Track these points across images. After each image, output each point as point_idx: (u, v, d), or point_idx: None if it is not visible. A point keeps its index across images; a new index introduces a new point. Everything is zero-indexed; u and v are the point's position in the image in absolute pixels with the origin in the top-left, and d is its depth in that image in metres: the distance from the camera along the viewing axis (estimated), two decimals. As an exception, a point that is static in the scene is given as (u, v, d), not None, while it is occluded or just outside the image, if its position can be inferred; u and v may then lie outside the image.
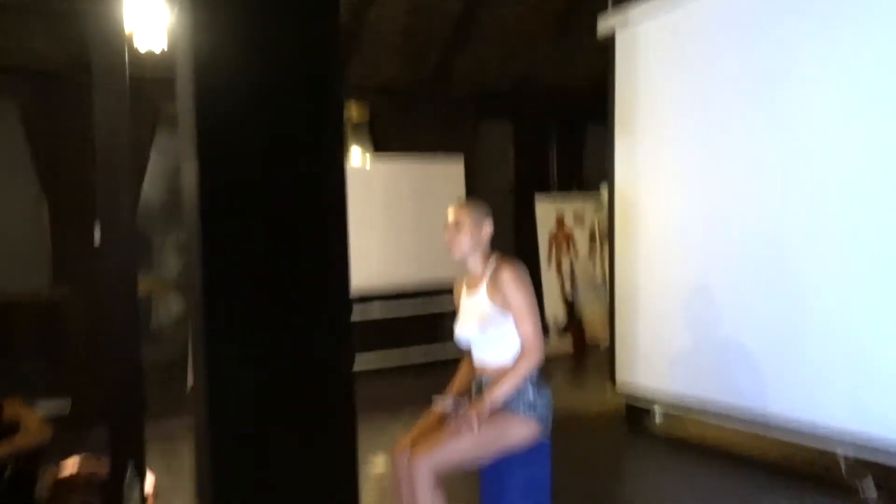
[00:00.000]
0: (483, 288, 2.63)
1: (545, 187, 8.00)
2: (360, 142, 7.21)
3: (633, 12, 4.47)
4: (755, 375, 3.75)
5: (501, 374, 2.56)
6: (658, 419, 4.63)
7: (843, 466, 3.44)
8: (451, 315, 2.86)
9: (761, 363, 3.72)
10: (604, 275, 7.62)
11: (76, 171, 5.91)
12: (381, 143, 7.16)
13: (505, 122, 7.88)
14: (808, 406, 3.48)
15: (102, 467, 3.60)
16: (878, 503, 3.29)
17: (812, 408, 3.46)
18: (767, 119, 3.71)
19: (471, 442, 2.45)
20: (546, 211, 7.80)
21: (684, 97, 4.19)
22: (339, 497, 1.33)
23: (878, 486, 3.33)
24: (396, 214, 6.86)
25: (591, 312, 7.81)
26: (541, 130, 8.09)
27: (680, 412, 4.36)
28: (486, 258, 2.69)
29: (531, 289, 2.58)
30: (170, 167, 7.18)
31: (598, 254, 7.85)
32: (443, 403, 2.62)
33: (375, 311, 6.79)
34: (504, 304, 2.56)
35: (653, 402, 4.48)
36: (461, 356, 2.83)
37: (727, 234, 3.93)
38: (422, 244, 6.89)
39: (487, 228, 2.71)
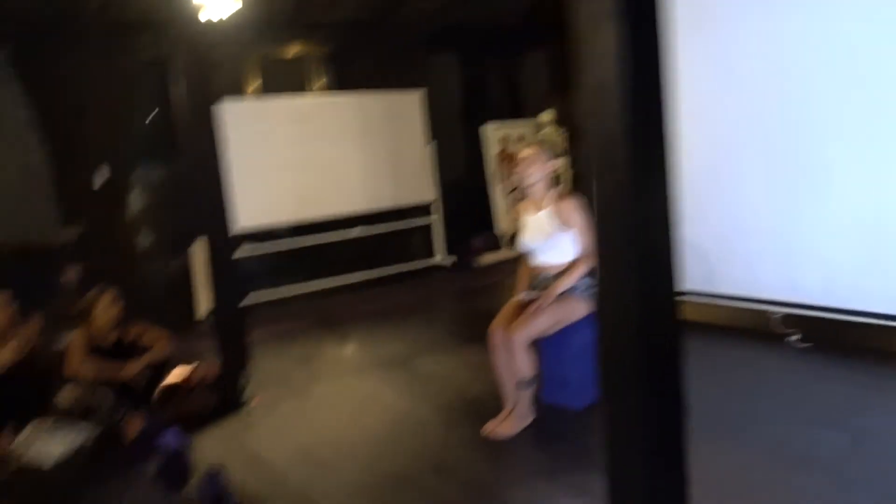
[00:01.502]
0: (547, 211, 3.58)
1: (490, 115, 8.91)
2: (324, 76, 7.81)
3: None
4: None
5: (559, 271, 3.56)
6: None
7: (773, 321, 4.61)
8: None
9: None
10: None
11: (72, 120, 6.28)
12: (344, 77, 7.80)
13: (452, 56, 8.65)
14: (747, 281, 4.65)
15: (211, 371, 4.39)
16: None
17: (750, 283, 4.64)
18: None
19: (549, 317, 3.46)
20: (493, 134, 8.76)
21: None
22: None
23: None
24: (368, 145, 7.61)
25: (535, 222, 8.95)
26: (483, 62, 8.92)
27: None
28: (549, 188, 3.62)
29: (586, 214, 3.54)
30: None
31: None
32: (524, 294, 3.60)
33: (355, 232, 7.64)
34: (564, 223, 3.52)
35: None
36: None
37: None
38: (394, 170, 7.75)
39: (550, 165, 3.62)
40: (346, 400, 4.21)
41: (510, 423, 3.49)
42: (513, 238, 3.66)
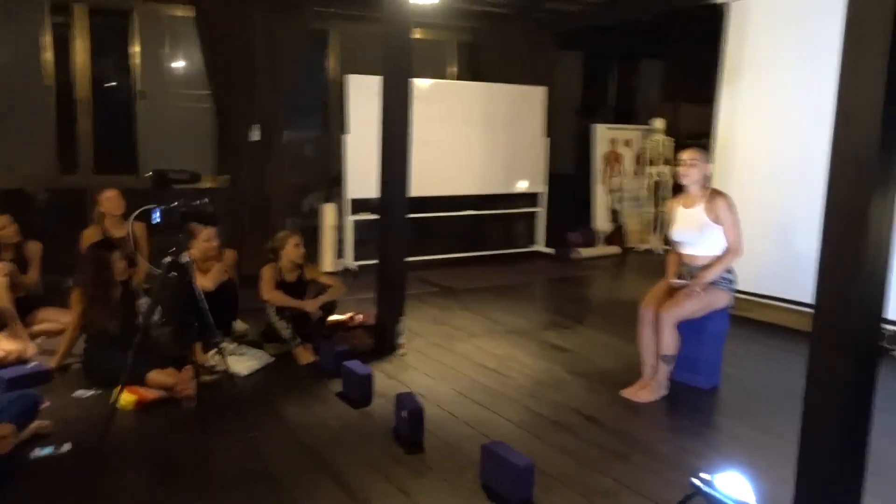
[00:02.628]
0: (701, 206, 4.01)
1: (603, 116, 9.32)
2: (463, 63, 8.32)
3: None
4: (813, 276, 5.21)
5: (708, 263, 3.99)
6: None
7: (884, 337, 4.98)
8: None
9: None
10: (648, 190, 9.11)
11: (238, 79, 6.91)
12: (475, 66, 8.31)
13: (577, 55, 9.08)
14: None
15: (369, 317, 4.94)
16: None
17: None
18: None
19: (696, 302, 3.90)
20: (603, 135, 9.17)
21: (787, 63, 5.45)
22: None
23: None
24: (491, 132, 8.11)
25: (633, 221, 9.34)
26: (603, 65, 9.33)
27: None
28: (703, 186, 4.05)
29: (738, 211, 3.96)
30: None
31: (643, 174, 9.27)
32: (675, 281, 4.06)
33: (468, 212, 8.16)
34: (715, 219, 3.95)
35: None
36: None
37: (808, 170, 5.30)
38: (511, 159, 8.24)
39: (708, 168, 4.05)
40: (486, 356, 4.72)
41: (649, 391, 3.95)
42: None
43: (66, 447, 3.23)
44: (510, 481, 2.83)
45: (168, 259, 2.81)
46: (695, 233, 4.02)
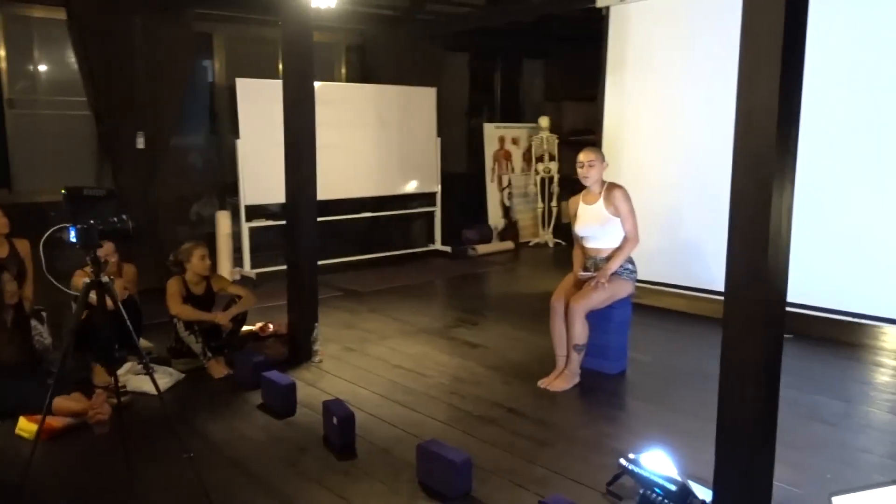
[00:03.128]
0: (600, 201, 4.24)
1: (490, 115, 9.57)
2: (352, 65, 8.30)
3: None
4: (703, 263, 5.67)
5: (610, 254, 4.23)
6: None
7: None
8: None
9: (709, 254, 5.61)
10: (536, 186, 9.44)
11: (119, 82, 6.58)
12: (369, 67, 8.31)
13: (463, 57, 9.26)
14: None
15: (281, 326, 4.88)
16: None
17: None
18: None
19: (603, 293, 4.12)
20: (492, 133, 9.43)
21: (668, 63, 5.85)
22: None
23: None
24: (383, 134, 8.15)
25: (524, 217, 9.66)
26: (488, 65, 9.58)
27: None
28: (602, 183, 4.28)
29: (632, 202, 4.22)
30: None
31: (531, 171, 9.60)
32: (582, 274, 4.26)
33: (365, 215, 8.16)
34: (614, 212, 4.19)
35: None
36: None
37: (691, 162, 5.72)
38: (404, 160, 8.31)
39: (604, 165, 4.27)
40: (401, 357, 4.77)
41: (564, 379, 4.14)
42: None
43: (-29, 486, 3.01)
44: (449, 477, 2.91)
45: (87, 280, 2.68)
46: (597, 227, 4.24)
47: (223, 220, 7.25)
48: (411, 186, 8.48)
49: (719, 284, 5.55)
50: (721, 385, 2.52)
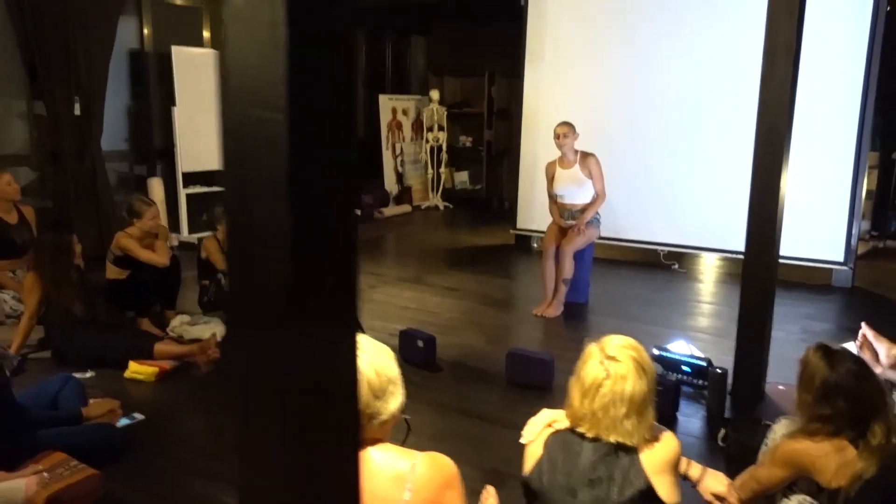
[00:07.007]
0: (576, 166, 5.29)
1: (383, 88, 10.27)
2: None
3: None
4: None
5: (584, 208, 5.31)
6: (536, 245, 7.72)
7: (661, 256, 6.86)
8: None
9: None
10: (426, 154, 10.34)
11: (53, 47, 6.47)
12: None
13: (360, 31, 9.84)
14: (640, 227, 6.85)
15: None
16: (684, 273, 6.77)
17: (642, 228, 6.84)
18: (639, 62, 6.72)
19: (583, 237, 5.21)
20: (385, 104, 10.15)
21: (582, 45, 7.00)
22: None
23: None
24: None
25: (415, 182, 10.53)
26: (382, 39, 10.25)
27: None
28: (575, 152, 5.33)
29: (601, 166, 5.32)
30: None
31: (420, 140, 10.47)
32: (567, 222, 5.30)
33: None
34: (588, 175, 5.27)
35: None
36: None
37: (605, 137, 6.96)
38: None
39: (575, 136, 5.31)
40: (405, 300, 5.51)
41: (554, 308, 5.19)
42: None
43: (140, 417, 3.41)
44: (539, 372, 3.83)
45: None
46: (574, 187, 5.30)
47: (156, 186, 7.36)
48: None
49: (624, 234, 6.98)
50: (741, 305, 3.65)
